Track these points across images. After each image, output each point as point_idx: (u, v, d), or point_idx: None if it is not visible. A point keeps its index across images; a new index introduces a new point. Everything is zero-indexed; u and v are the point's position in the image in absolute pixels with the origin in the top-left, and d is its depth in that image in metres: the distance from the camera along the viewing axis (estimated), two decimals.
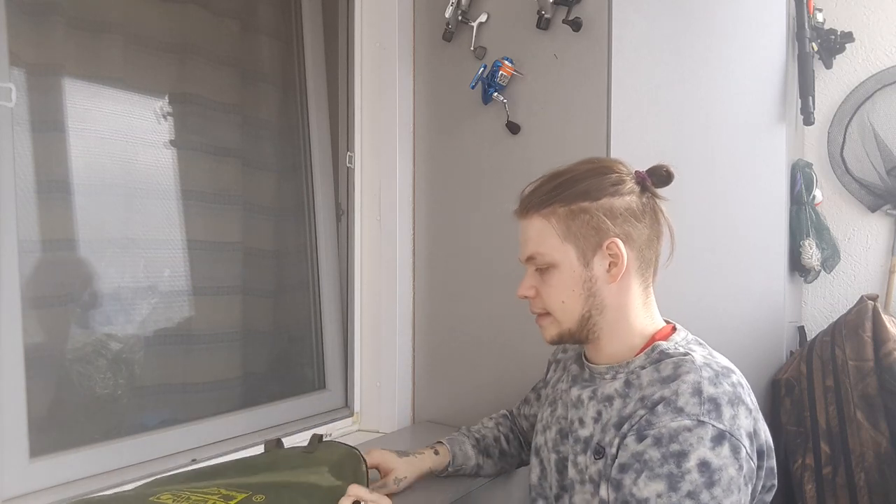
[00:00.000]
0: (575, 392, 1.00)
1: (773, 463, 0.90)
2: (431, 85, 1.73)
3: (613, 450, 0.89)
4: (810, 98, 1.63)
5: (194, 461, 1.32)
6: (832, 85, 1.89)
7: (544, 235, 0.95)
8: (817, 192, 1.74)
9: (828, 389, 1.51)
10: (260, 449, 1.48)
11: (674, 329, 0.99)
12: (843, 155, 1.87)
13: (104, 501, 0.96)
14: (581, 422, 0.97)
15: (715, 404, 0.83)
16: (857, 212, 1.88)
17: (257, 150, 1.65)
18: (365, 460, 1.06)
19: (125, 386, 1.34)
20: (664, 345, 0.94)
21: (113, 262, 1.33)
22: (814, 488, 1.50)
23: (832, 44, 1.83)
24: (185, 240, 1.46)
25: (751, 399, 0.89)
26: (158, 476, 1.12)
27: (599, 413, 0.94)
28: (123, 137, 1.35)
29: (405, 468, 1.12)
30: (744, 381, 0.90)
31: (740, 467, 0.82)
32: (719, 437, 0.82)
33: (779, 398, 1.56)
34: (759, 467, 0.87)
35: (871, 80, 1.85)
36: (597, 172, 0.95)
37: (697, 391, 0.84)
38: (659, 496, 0.81)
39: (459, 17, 1.63)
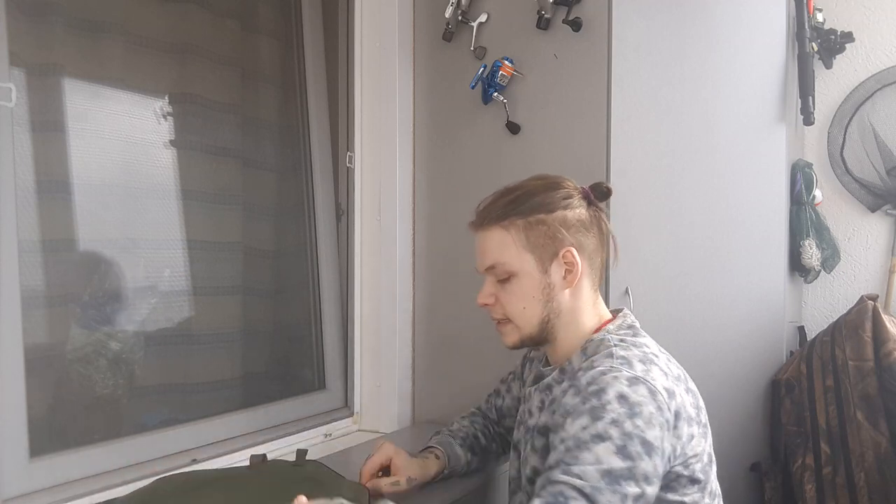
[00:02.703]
0: (527, 389, 1.10)
1: (696, 431, 0.93)
2: (431, 85, 1.73)
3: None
4: (810, 98, 1.63)
5: (194, 461, 1.32)
6: (832, 85, 1.89)
7: (504, 246, 1.02)
8: (817, 192, 1.74)
9: (828, 389, 1.51)
10: (259, 449, 1.48)
11: (612, 319, 1.06)
12: (843, 155, 1.87)
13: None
14: (529, 413, 1.06)
15: (626, 360, 0.92)
16: (857, 212, 1.88)
17: (257, 150, 1.65)
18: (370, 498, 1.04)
19: (125, 386, 1.34)
20: (597, 337, 1.01)
21: (113, 262, 1.33)
22: (814, 488, 1.50)
23: (832, 44, 1.82)
24: (185, 240, 1.46)
25: (668, 368, 0.95)
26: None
27: (542, 401, 1.04)
28: (123, 137, 1.34)
29: (417, 471, 1.12)
30: (659, 356, 0.96)
31: (659, 408, 0.87)
32: (634, 380, 0.88)
33: (779, 398, 1.56)
34: (675, 426, 0.90)
35: (871, 80, 1.85)
36: (549, 187, 1.03)
37: (609, 354, 0.94)
38: (584, 428, 0.85)
39: (459, 17, 1.63)
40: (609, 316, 1.07)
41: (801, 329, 1.78)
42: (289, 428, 1.57)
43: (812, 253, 1.68)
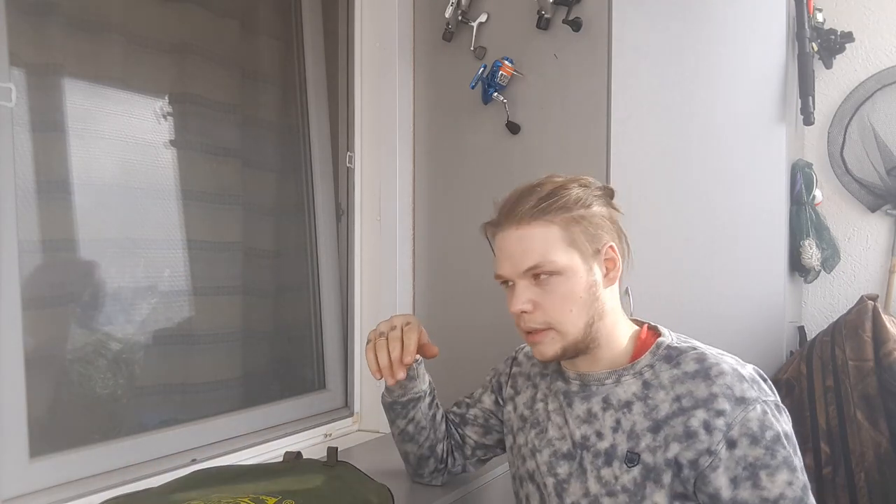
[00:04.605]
0: (582, 407, 0.98)
1: None
2: (431, 85, 1.73)
3: (658, 457, 0.88)
4: (810, 98, 1.63)
5: (194, 461, 1.32)
6: (832, 85, 1.89)
7: (550, 242, 0.93)
8: (817, 192, 1.74)
9: (828, 389, 1.51)
10: (259, 449, 1.48)
11: (650, 327, 1.03)
12: (843, 155, 1.87)
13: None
14: (599, 435, 0.95)
15: (755, 381, 0.90)
16: (857, 212, 1.87)
17: (257, 150, 1.65)
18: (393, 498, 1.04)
19: (125, 386, 1.34)
20: (667, 340, 0.97)
21: (113, 262, 1.33)
22: (814, 488, 1.49)
23: (832, 44, 1.82)
24: (185, 240, 1.46)
25: None
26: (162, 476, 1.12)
27: (618, 421, 0.93)
28: (123, 137, 1.34)
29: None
30: None
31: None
32: (777, 407, 0.89)
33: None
34: None
35: (871, 80, 1.85)
36: (580, 183, 0.98)
37: (740, 377, 0.89)
38: (790, 484, 0.84)
39: (459, 17, 1.63)
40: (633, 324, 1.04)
41: (801, 329, 1.78)
42: (289, 428, 1.57)
43: (812, 253, 1.68)
